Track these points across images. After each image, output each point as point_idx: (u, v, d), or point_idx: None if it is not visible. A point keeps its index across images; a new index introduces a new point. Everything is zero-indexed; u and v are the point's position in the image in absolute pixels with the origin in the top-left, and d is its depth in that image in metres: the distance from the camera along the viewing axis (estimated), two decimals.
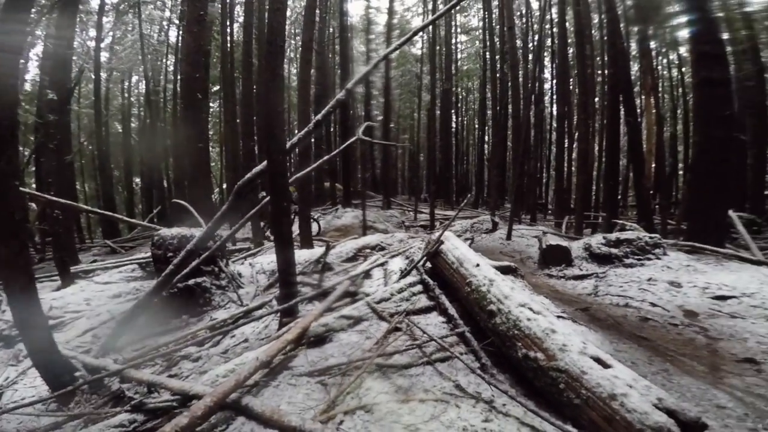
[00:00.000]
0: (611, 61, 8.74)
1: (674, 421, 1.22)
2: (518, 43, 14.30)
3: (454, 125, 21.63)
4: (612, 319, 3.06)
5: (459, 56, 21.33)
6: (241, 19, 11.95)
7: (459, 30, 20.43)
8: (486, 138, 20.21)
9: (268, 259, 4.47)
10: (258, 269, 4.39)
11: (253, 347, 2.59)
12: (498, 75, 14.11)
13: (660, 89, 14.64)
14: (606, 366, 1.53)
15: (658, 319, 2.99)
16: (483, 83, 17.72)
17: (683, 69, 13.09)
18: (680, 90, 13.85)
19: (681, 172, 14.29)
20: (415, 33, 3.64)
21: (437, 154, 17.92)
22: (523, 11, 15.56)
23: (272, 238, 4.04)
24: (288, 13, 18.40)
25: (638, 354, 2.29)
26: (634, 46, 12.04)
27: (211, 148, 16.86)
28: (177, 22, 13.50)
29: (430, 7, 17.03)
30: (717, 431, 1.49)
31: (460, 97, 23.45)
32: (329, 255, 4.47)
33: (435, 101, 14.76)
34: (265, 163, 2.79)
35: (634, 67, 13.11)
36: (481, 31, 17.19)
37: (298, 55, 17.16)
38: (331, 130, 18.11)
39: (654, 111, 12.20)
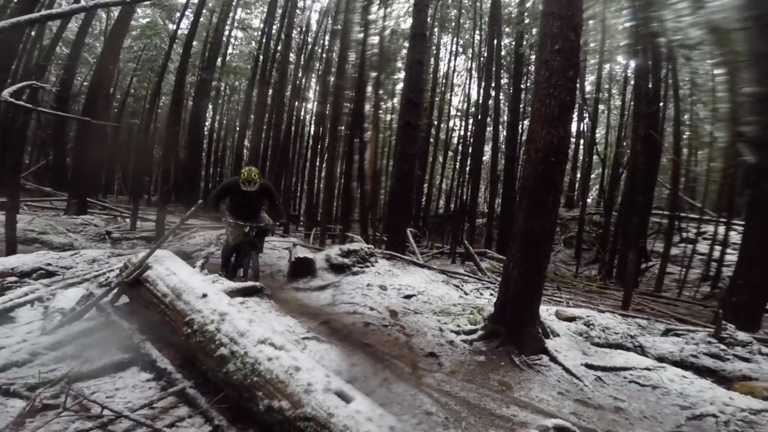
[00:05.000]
0: (356, 97, 10.62)
1: None
2: (292, 56, 14.67)
3: (209, 122, 19.10)
4: (346, 329, 3.37)
5: (230, 50, 19.38)
6: None
7: (236, 24, 18.53)
8: (246, 143, 19.23)
9: None
10: None
11: None
12: (267, 80, 13.76)
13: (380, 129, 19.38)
14: (348, 400, 1.46)
15: (375, 321, 3.59)
16: (251, 85, 16.82)
17: (393, 115, 18.05)
18: (388, 132, 19.02)
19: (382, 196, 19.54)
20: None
21: (180, 149, 15.06)
22: (304, 27, 16.23)
23: None
24: None
25: (367, 365, 2.56)
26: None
27: None
28: None
29: None
30: None
31: (224, 94, 21.17)
32: None
33: (183, 88, 12.23)
34: None
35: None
36: (259, 33, 16.33)
37: None
38: None
39: (374, 146, 16.01)
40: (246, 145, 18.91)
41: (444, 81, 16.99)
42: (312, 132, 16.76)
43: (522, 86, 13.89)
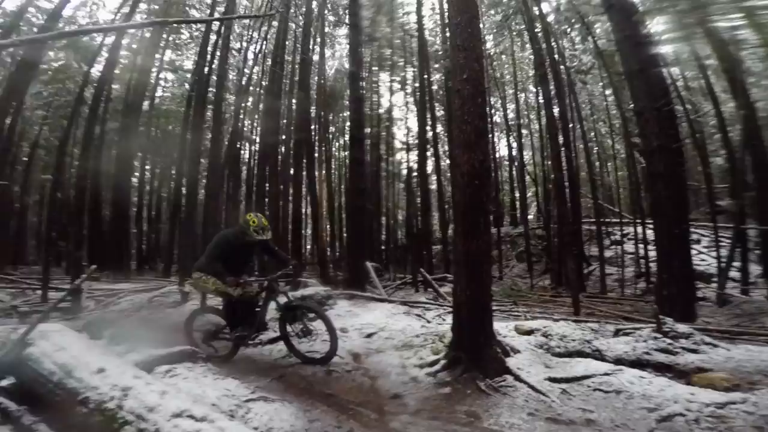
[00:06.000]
0: (302, 136, 10.60)
1: None
2: (230, 97, 14.32)
3: (138, 172, 17.60)
4: (305, 381, 3.06)
5: (160, 93, 18.46)
6: None
7: (165, 66, 17.85)
8: (183, 191, 17.92)
9: None
10: None
11: None
12: (201, 123, 13.18)
13: (334, 167, 19.32)
14: None
15: (338, 368, 3.31)
16: (185, 129, 16.05)
17: (345, 151, 18.16)
18: (344, 170, 19.05)
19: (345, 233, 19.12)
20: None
21: (105, 206, 13.63)
22: (241, 68, 16.03)
23: None
24: None
25: (329, 418, 2.31)
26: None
27: None
28: None
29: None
30: None
31: (155, 139, 19.89)
32: None
33: (94, 134, 11.19)
34: None
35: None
36: (191, 74, 15.85)
37: None
38: None
39: (326, 184, 15.92)
40: (183, 193, 17.66)
41: (387, 116, 17.83)
42: (257, 174, 16.23)
43: None
